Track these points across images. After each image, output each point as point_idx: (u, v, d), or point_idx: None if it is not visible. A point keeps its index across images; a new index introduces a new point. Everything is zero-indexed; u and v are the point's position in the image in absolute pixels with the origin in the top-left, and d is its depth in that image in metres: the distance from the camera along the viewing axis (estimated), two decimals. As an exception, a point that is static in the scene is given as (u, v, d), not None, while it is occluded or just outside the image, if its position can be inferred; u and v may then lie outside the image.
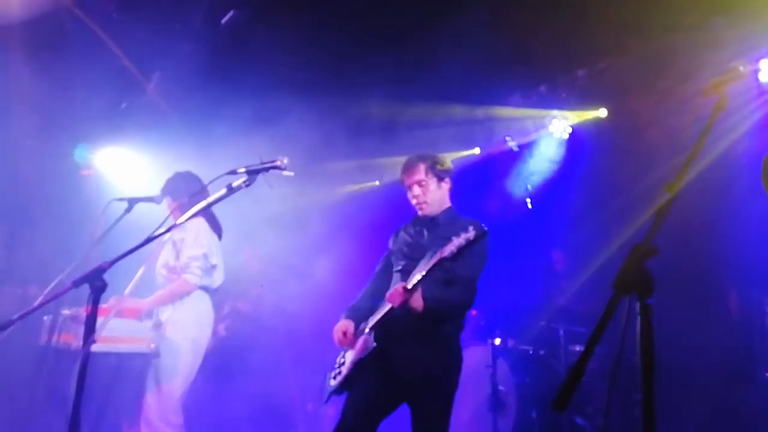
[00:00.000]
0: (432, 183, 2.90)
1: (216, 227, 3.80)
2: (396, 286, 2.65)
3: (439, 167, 2.92)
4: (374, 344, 2.66)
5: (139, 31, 4.30)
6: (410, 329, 2.69)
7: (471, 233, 2.46)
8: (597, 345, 1.28)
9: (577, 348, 4.61)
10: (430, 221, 2.91)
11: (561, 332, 4.65)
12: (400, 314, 2.64)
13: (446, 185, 2.96)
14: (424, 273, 2.52)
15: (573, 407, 4.38)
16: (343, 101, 5.10)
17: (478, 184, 5.84)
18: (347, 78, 4.89)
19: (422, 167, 2.89)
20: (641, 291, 1.32)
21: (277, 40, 4.42)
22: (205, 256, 3.62)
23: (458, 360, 2.81)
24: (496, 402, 4.42)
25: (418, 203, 2.91)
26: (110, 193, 3.67)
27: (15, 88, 4.05)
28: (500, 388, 4.46)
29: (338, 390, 2.72)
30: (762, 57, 4.34)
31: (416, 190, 2.89)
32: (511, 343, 4.94)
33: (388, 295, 2.66)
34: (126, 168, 5.28)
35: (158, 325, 3.30)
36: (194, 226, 3.65)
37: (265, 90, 4.77)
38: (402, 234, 3.04)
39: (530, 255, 4.84)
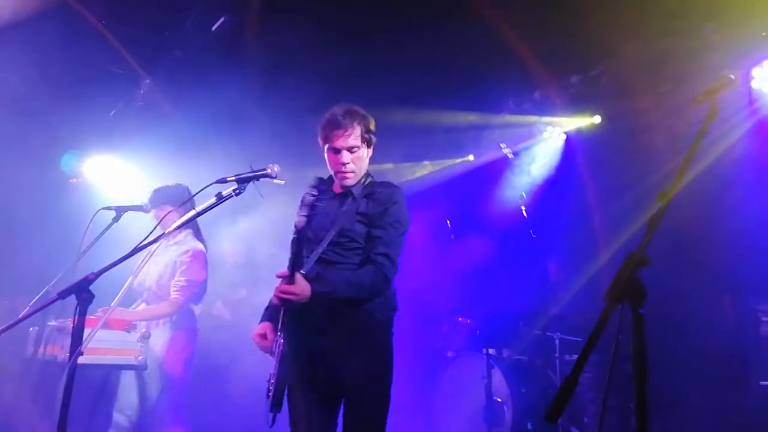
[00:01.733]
0: (363, 150, 2.50)
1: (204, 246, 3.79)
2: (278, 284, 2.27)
3: (372, 131, 2.53)
4: (284, 347, 2.29)
5: (129, 38, 4.28)
6: (326, 321, 2.36)
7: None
8: (591, 354, 1.27)
9: (574, 357, 4.57)
10: (345, 194, 2.52)
11: (557, 341, 4.62)
12: (308, 305, 2.28)
13: (371, 151, 2.57)
14: (315, 258, 2.21)
15: (568, 417, 4.33)
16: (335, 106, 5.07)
17: (471, 191, 5.82)
18: (340, 83, 4.87)
19: (358, 130, 2.46)
20: (634, 300, 1.32)
21: (268, 46, 4.40)
22: (204, 284, 3.69)
23: (390, 352, 2.45)
24: (491, 413, 4.37)
25: (343, 172, 2.47)
26: (98, 202, 3.61)
27: (1, 95, 4.01)
28: (495, 398, 4.41)
29: (275, 407, 2.31)
30: (754, 64, 4.34)
31: (346, 157, 2.45)
32: (506, 352, 4.90)
33: (275, 293, 2.29)
34: (114, 176, 5.23)
35: (146, 337, 3.25)
36: (199, 252, 3.69)
37: (256, 96, 4.75)
38: (312, 210, 2.57)
39: (525, 263, 4.81)
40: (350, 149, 2.46)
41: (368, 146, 2.54)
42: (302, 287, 2.23)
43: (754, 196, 4.16)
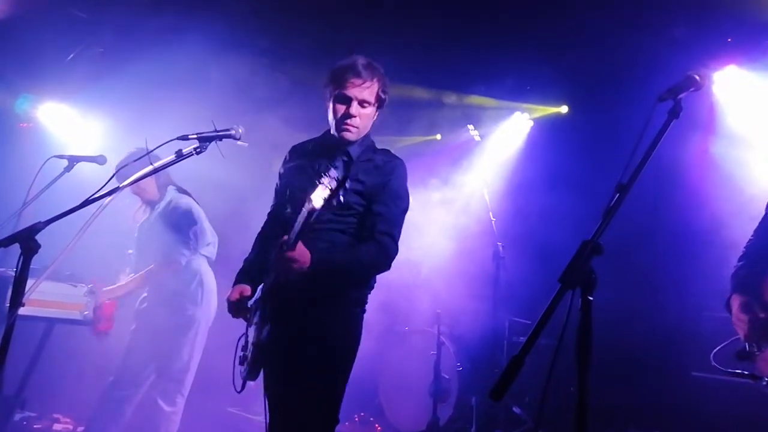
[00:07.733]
0: (373, 110, 2.32)
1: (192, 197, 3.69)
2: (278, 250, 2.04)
3: (386, 93, 2.35)
4: (269, 326, 2.19)
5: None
6: (309, 295, 2.18)
7: (334, 175, 1.81)
8: (539, 337, 1.30)
9: (521, 339, 4.70)
10: (343, 154, 2.31)
11: (507, 323, 4.74)
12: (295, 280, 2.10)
13: (377, 114, 2.40)
14: (297, 230, 1.92)
15: (511, 396, 4.47)
16: (311, 77, 4.98)
17: (436, 170, 5.83)
18: (314, 53, 4.78)
19: (376, 87, 2.28)
20: (584, 287, 1.35)
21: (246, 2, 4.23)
22: (195, 233, 3.53)
23: (358, 331, 2.30)
24: (437, 388, 4.47)
25: (347, 125, 2.26)
26: (51, 150, 3.46)
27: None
28: (443, 375, 4.51)
29: (250, 375, 2.25)
30: (716, 69, 4.46)
31: (355, 109, 2.25)
32: (457, 330, 5.00)
33: (273, 261, 2.09)
34: (69, 124, 4.99)
35: (93, 292, 3.16)
36: (181, 206, 3.54)
37: (231, 56, 4.58)
38: (302, 161, 2.40)
39: (483, 246, 4.88)
40: (362, 102, 2.26)
41: (378, 107, 2.35)
42: (304, 253, 2.02)
43: (701, 198, 4.33)
